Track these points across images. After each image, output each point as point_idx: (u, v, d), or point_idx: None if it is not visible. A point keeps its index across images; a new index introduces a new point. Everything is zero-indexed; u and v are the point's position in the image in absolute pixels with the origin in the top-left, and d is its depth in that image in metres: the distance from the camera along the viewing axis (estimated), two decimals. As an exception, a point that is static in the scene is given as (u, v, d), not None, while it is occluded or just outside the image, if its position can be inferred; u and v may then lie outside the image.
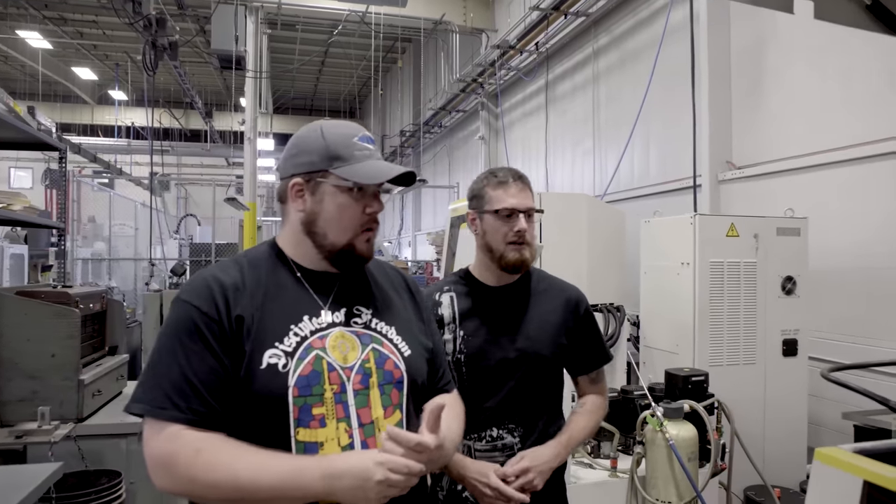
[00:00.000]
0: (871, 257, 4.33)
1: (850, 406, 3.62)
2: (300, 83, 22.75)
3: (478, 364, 1.87)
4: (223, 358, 1.27)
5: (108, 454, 3.08)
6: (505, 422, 1.88)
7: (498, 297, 1.95)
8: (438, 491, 1.92)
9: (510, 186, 1.89)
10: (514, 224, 1.86)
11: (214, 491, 1.19)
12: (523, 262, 1.88)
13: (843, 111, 4.63)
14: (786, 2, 1.43)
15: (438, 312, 1.93)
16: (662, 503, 2.97)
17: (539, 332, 1.91)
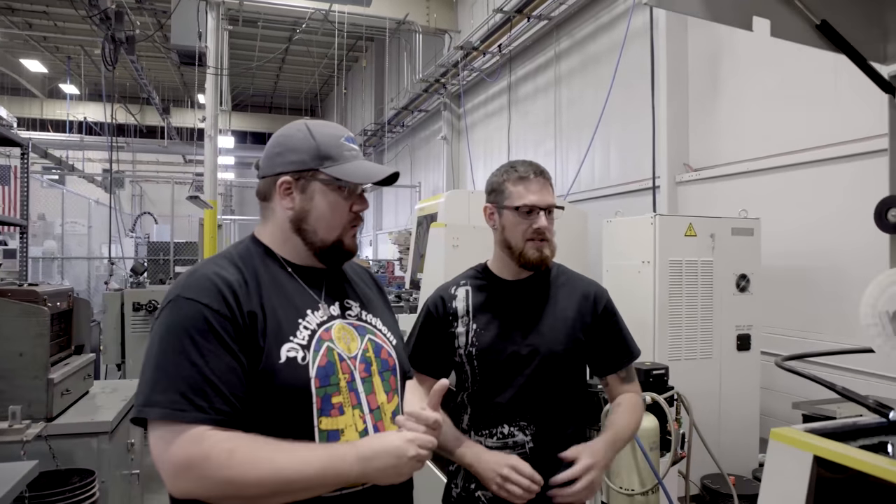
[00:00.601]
0: (815, 256, 4.57)
1: (798, 397, 3.82)
2: (260, 80, 22.48)
3: (489, 358, 1.85)
4: (239, 355, 1.26)
5: (79, 453, 3.05)
6: (516, 419, 1.85)
7: (514, 291, 1.92)
8: (453, 488, 1.93)
9: (531, 182, 1.85)
10: (535, 221, 1.82)
11: (254, 488, 1.18)
12: (543, 260, 1.85)
13: (792, 118, 4.86)
14: (745, 20, 1.56)
15: (453, 306, 1.91)
16: (626, 491, 3.10)
17: (553, 328, 1.87)
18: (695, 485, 3.97)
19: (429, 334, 1.93)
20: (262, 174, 1.47)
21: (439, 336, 1.91)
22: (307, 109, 25.25)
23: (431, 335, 1.93)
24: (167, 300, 1.31)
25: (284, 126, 1.50)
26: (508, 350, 1.84)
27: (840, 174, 4.38)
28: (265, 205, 1.47)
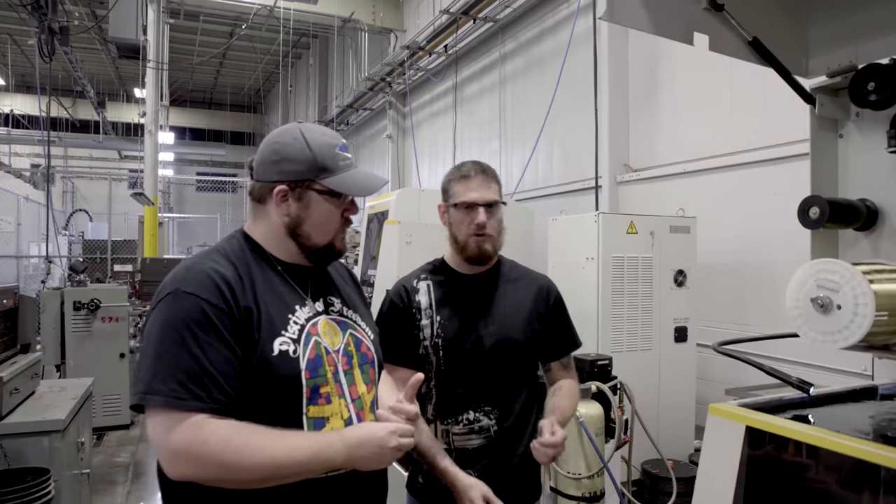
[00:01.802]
0: (746, 252, 4.86)
1: (731, 386, 4.08)
2: (199, 75, 21.93)
3: (454, 348, 1.95)
4: (235, 348, 1.33)
5: (30, 452, 3.01)
6: (481, 405, 1.95)
7: (472, 284, 2.03)
8: (418, 475, 2.02)
9: (472, 180, 1.97)
10: (475, 217, 1.94)
11: (249, 473, 1.26)
12: (483, 254, 1.97)
13: (725, 122, 5.16)
14: (687, 35, 1.71)
15: (416, 299, 2.01)
16: (573, 475, 3.26)
17: (512, 318, 1.99)
18: (636, 469, 4.18)
19: (396, 325, 2.01)
20: (257, 178, 1.52)
21: (405, 327, 2.00)
22: (249, 106, 24.79)
23: (398, 326, 2.01)
24: (165, 293, 1.36)
25: (278, 131, 1.54)
26: (472, 340, 1.95)
27: (769, 176, 4.68)
28: (258, 206, 1.53)
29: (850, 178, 1.92)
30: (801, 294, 1.75)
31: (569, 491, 3.30)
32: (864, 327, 1.61)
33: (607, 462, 3.32)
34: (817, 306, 1.69)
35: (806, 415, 1.75)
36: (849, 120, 1.91)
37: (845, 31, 1.89)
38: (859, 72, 1.73)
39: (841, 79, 1.84)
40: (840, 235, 1.96)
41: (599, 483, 3.31)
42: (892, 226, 1.82)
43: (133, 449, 6.05)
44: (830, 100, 1.91)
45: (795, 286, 1.76)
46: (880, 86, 1.68)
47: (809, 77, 1.99)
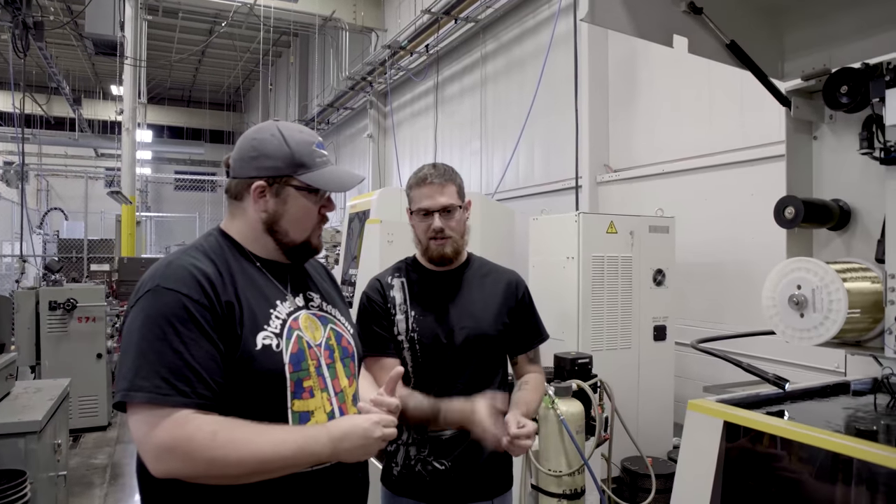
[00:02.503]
0: (724, 252, 4.94)
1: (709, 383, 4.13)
2: (178, 73, 21.68)
3: (428, 343, 2.00)
4: (218, 343, 1.34)
5: (5, 454, 2.97)
6: (454, 395, 1.97)
7: (444, 281, 2.09)
8: (393, 467, 2.05)
9: (424, 187, 2.02)
10: (430, 223, 2.00)
11: (236, 468, 1.27)
12: (443, 257, 2.04)
13: (703, 123, 5.23)
14: (667, 38, 1.75)
15: (391, 295, 2.06)
16: (554, 473, 3.29)
17: (484, 313, 2.06)
18: (616, 466, 4.23)
19: (375, 317, 2.05)
20: (234, 174, 1.53)
21: (383, 319, 2.04)
22: (228, 104, 24.57)
23: (377, 318, 2.05)
24: (145, 290, 1.36)
25: (256, 128, 1.56)
26: (446, 334, 2.01)
27: (746, 177, 4.75)
28: (235, 203, 1.55)
29: (824, 179, 1.97)
30: (776, 292, 1.79)
31: (549, 488, 3.32)
32: (837, 324, 1.66)
33: (588, 459, 3.35)
34: (792, 304, 1.74)
35: (781, 410, 1.79)
36: (823, 122, 1.96)
37: (820, 35, 1.94)
38: (833, 75, 1.77)
39: (815, 82, 1.88)
40: (814, 235, 2.01)
41: (580, 480, 3.33)
42: (863, 225, 1.87)
43: (110, 451, 5.98)
44: (805, 102, 1.95)
45: (771, 284, 1.81)
46: (853, 89, 1.72)
47: (785, 80, 2.04)
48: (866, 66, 1.70)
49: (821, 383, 2.01)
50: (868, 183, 1.82)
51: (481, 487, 2.03)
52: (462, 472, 1.97)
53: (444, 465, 1.98)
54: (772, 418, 1.57)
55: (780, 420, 1.57)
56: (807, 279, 1.72)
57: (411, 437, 2.02)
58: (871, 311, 1.72)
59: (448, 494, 2.00)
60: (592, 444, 3.58)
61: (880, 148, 1.65)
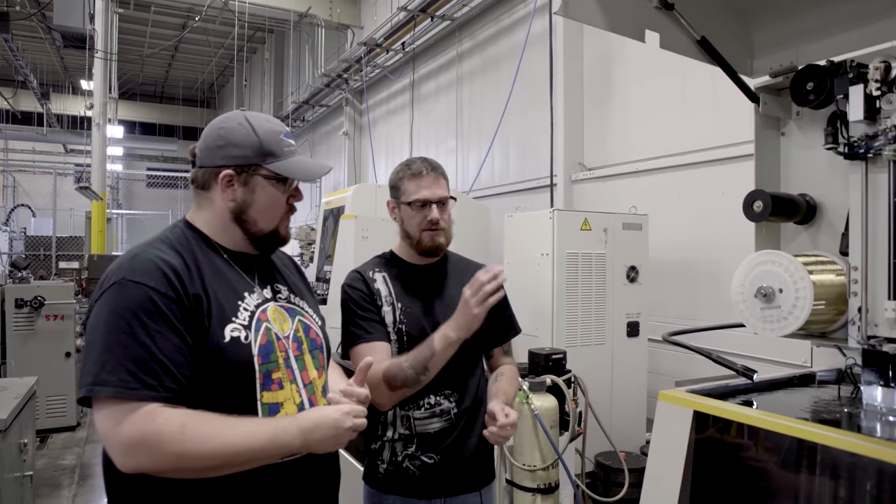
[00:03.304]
0: (696, 249, 5.01)
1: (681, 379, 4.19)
2: (150, 68, 21.38)
3: (416, 335, 2.00)
4: (186, 335, 1.32)
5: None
6: (441, 388, 2.01)
7: (426, 274, 2.11)
8: (379, 465, 2.03)
9: (423, 178, 2.04)
10: (428, 214, 2.01)
11: (205, 461, 1.25)
12: (437, 247, 2.06)
13: (676, 122, 5.29)
14: (639, 32, 1.77)
15: (375, 287, 2.05)
16: (529, 467, 3.32)
17: None
18: (590, 461, 4.27)
19: (362, 306, 2.03)
20: (200, 164, 1.52)
21: (371, 307, 2.03)
22: (202, 101, 24.27)
23: (364, 306, 2.03)
24: (109, 283, 1.34)
25: (223, 117, 1.55)
26: (432, 326, 2.00)
27: (718, 175, 4.82)
28: (202, 193, 1.53)
29: (792, 174, 2.01)
30: (745, 284, 1.82)
31: (524, 483, 3.35)
32: (803, 316, 1.69)
33: (562, 454, 3.37)
34: (760, 296, 1.77)
35: (750, 400, 1.83)
36: (790, 119, 2.00)
37: (787, 33, 1.98)
38: (799, 72, 1.81)
39: (783, 79, 1.92)
40: (782, 229, 2.05)
41: (554, 475, 3.37)
42: (829, 219, 1.91)
43: (79, 451, 5.88)
44: (773, 99, 1.99)
45: (740, 277, 1.84)
46: (818, 86, 1.76)
47: (754, 77, 2.08)
48: (831, 63, 1.74)
49: (788, 374, 2.05)
50: (833, 178, 1.86)
51: (469, 479, 2.05)
52: (451, 465, 1.99)
53: (433, 459, 1.98)
54: (741, 407, 1.60)
55: (749, 409, 1.61)
56: (774, 272, 1.75)
57: (396, 432, 2.01)
58: (835, 302, 1.76)
59: (437, 488, 2.01)
60: (566, 439, 3.61)
61: (844, 143, 1.69)
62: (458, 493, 2.04)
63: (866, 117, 1.63)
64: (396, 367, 1.86)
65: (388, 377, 1.85)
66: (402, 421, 2.00)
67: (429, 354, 1.86)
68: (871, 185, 1.66)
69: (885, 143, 1.60)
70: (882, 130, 1.62)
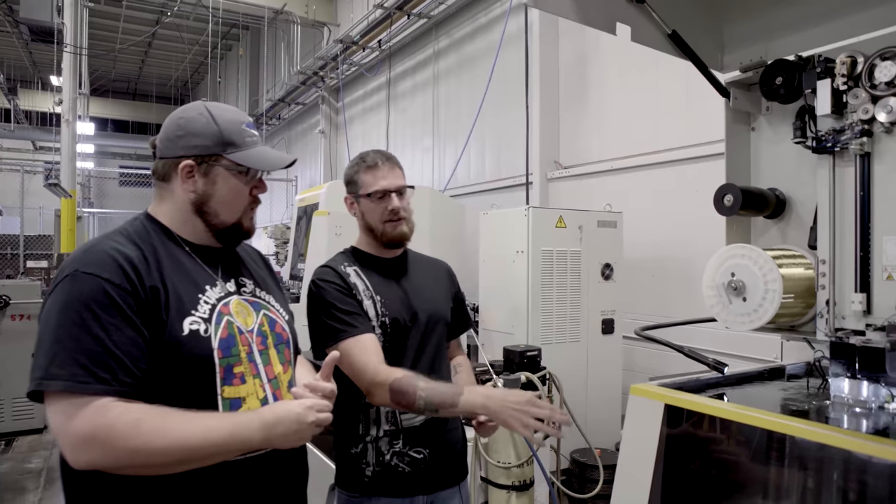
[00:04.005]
0: (670, 246, 5.05)
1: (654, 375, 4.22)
2: (123, 64, 21.03)
3: (398, 326, 1.97)
4: (142, 328, 1.29)
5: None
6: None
7: (394, 267, 2.08)
8: (364, 468, 1.94)
9: (379, 169, 2.00)
10: (388, 203, 1.98)
11: (161, 457, 1.22)
12: (402, 237, 2.03)
13: (650, 121, 5.33)
14: (610, 25, 1.77)
15: (350, 281, 1.99)
16: (503, 464, 3.31)
17: (438, 296, 2.12)
18: (565, 458, 4.27)
19: (341, 299, 1.95)
20: (161, 155, 1.49)
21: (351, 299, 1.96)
22: (176, 98, 23.95)
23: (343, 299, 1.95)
24: (63, 275, 1.30)
25: (182, 108, 1.52)
26: (411, 317, 1.99)
27: (692, 173, 4.87)
28: (163, 185, 1.50)
29: (762, 169, 2.03)
30: (716, 278, 1.83)
31: (499, 480, 3.35)
32: (773, 309, 1.70)
33: (536, 451, 3.38)
34: (731, 290, 1.78)
35: (722, 394, 1.84)
36: (760, 113, 2.02)
37: (757, 28, 1.99)
38: (768, 67, 1.82)
39: (752, 74, 1.94)
40: (752, 223, 2.06)
41: (529, 472, 3.37)
42: (798, 214, 1.93)
43: (46, 454, 5.74)
44: (743, 94, 2.00)
45: (711, 271, 1.84)
46: (787, 81, 1.77)
47: (725, 72, 2.09)
48: (799, 58, 1.75)
49: (758, 368, 2.06)
50: (802, 172, 1.88)
51: (453, 472, 2.04)
52: (440, 458, 1.97)
53: (422, 454, 1.95)
54: (711, 400, 1.61)
55: (720, 402, 1.61)
56: (744, 265, 1.76)
57: (381, 430, 1.94)
58: (804, 296, 1.77)
59: (427, 483, 1.97)
60: (541, 436, 3.62)
61: (812, 137, 1.71)
62: (442, 487, 2.00)
63: (833, 112, 1.65)
64: (410, 387, 1.76)
65: (397, 391, 1.76)
66: (386, 417, 1.94)
67: (448, 404, 1.76)
68: (839, 178, 1.68)
69: (851, 137, 1.62)
70: (849, 125, 1.64)
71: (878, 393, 1.60)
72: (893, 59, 1.55)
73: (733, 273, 1.79)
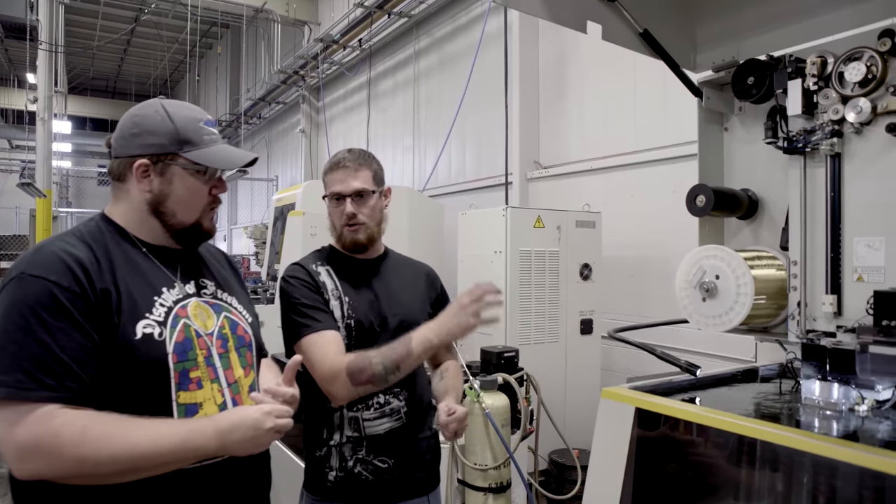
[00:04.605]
0: (648, 246, 5.05)
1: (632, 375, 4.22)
2: (102, 62, 20.75)
3: (364, 329, 1.91)
4: (91, 332, 1.25)
5: None
6: (390, 387, 1.89)
7: (369, 268, 2.02)
8: (327, 472, 1.91)
9: (337, 171, 1.95)
10: (343, 208, 1.92)
11: (109, 466, 1.18)
12: (356, 244, 1.95)
13: (629, 121, 5.33)
14: (581, 23, 1.74)
15: (320, 280, 1.95)
16: (480, 466, 3.28)
17: (412, 301, 2.02)
18: (543, 459, 4.26)
19: (308, 296, 1.92)
20: (115, 154, 1.44)
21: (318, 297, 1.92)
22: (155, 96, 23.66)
23: (311, 296, 1.92)
24: (9, 278, 1.26)
25: (138, 105, 1.48)
26: (380, 321, 1.93)
27: (669, 173, 4.87)
28: (118, 185, 1.46)
29: (734, 169, 2.02)
30: (688, 280, 1.82)
31: (476, 482, 3.32)
32: (744, 310, 1.69)
33: (513, 452, 3.35)
34: (703, 291, 1.76)
35: (694, 397, 1.82)
36: (733, 114, 2.01)
37: (730, 28, 1.98)
38: (740, 67, 1.81)
39: (725, 73, 1.93)
40: (725, 224, 2.05)
41: (506, 473, 3.34)
42: (770, 215, 1.92)
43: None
44: (716, 94, 1.99)
45: (683, 272, 1.83)
46: (758, 81, 1.76)
47: (697, 71, 2.08)
48: (771, 58, 1.74)
49: (732, 370, 2.05)
50: (774, 173, 1.87)
51: (420, 483, 1.97)
52: (405, 468, 1.90)
53: (387, 463, 1.89)
54: (681, 403, 1.59)
55: (689, 405, 1.59)
56: (716, 266, 1.75)
57: (344, 436, 1.90)
58: (776, 297, 1.76)
59: (390, 493, 1.90)
60: (518, 438, 3.60)
61: (783, 138, 1.70)
62: (408, 497, 1.94)
63: (804, 112, 1.64)
64: (364, 360, 1.74)
65: (353, 370, 1.74)
66: (349, 423, 1.90)
67: (404, 354, 1.75)
68: (810, 179, 1.67)
69: (821, 137, 1.61)
70: (819, 125, 1.63)
71: (849, 395, 1.59)
72: (863, 60, 1.54)
73: (706, 274, 1.77)
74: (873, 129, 1.54)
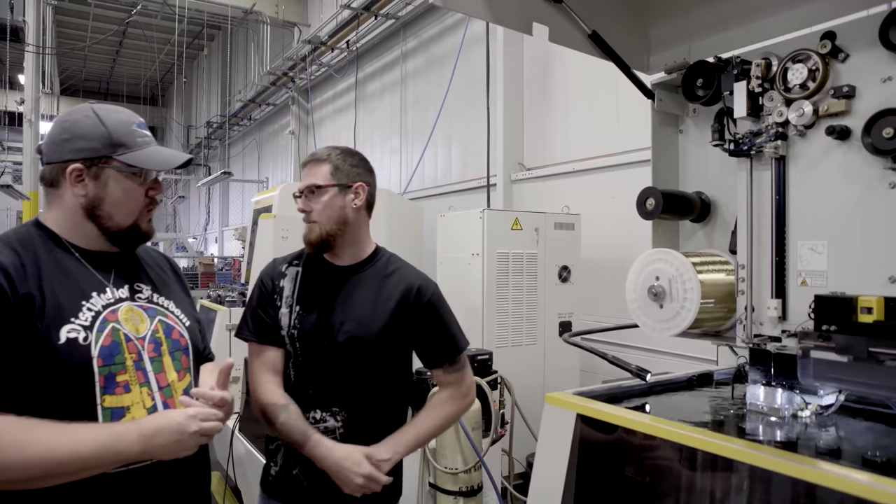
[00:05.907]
0: (626, 248, 5.02)
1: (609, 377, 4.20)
2: (94, 63, 20.74)
3: (308, 342, 1.84)
4: (11, 337, 1.25)
5: None
6: (329, 405, 1.83)
7: (339, 276, 1.90)
8: (272, 467, 1.90)
9: (305, 167, 1.93)
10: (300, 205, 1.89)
11: (22, 471, 1.18)
12: (308, 243, 1.88)
13: (612, 123, 5.32)
14: (526, 25, 1.72)
15: (280, 284, 1.90)
16: (450, 470, 3.26)
17: (372, 316, 1.85)
18: (519, 462, 4.24)
19: (261, 304, 1.91)
20: (47, 160, 1.45)
21: (270, 308, 1.90)
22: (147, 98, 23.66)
23: (263, 305, 1.91)
24: None
25: (68, 111, 1.49)
26: (327, 335, 1.84)
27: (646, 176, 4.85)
28: (51, 190, 1.46)
29: (689, 172, 2.01)
30: (637, 284, 1.80)
31: (446, 486, 3.30)
32: (691, 315, 1.67)
33: (484, 456, 3.33)
34: (651, 295, 1.74)
35: (643, 403, 1.80)
36: (687, 116, 1.99)
37: (681, 29, 1.96)
38: (689, 69, 1.80)
39: (677, 75, 1.91)
40: (679, 227, 2.04)
41: (477, 477, 3.32)
42: (723, 218, 1.90)
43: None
44: (669, 96, 1.98)
45: (633, 276, 1.81)
46: (707, 82, 1.75)
47: (651, 73, 2.06)
48: (719, 59, 1.73)
49: (686, 374, 2.03)
50: (725, 175, 1.85)
51: (376, 498, 1.81)
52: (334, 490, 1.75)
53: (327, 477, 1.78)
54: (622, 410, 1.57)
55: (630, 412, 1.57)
56: (664, 270, 1.73)
57: None
58: (725, 301, 1.74)
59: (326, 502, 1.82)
60: (489, 441, 3.57)
61: (730, 140, 1.68)
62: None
63: (750, 114, 1.62)
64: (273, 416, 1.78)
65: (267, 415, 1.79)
66: None
67: (300, 441, 1.75)
68: (756, 182, 1.65)
69: (766, 139, 1.59)
70: (765, 127, 1.61)
71: (793, 400, 1.57)
72: (806, 62, 1.53)
73: (655, 278, 1.76)
74: (816, 131, 1.52)
